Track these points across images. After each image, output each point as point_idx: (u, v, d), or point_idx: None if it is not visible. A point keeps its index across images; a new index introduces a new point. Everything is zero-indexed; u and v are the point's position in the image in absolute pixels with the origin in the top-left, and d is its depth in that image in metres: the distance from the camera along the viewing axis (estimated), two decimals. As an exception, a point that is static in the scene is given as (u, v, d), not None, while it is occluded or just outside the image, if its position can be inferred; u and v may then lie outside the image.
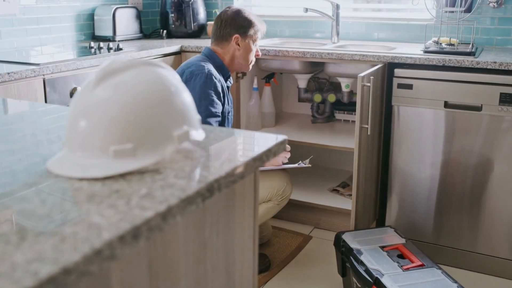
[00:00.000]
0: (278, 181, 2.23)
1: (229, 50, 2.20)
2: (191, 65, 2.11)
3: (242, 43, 2.20)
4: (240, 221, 1.02)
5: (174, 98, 0.91)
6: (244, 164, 0.91)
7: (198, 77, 2.04)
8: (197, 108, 1.96)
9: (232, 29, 2.18)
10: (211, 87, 2.04)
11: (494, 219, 2.28)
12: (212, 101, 2.04)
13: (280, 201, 2.25)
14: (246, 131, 1.08)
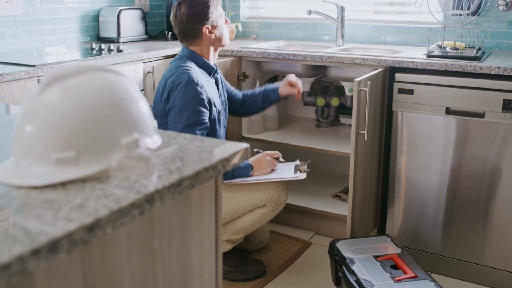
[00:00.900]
0: (273, 186, 2.20)
1: (204, 43, 2.13)
2: (173, 73, 2.06)
3: (213, 28, 2.12)
4: (198, 232, 0.99)
5: (124, 105, 0.89)
6: (194, 173, 0.88)
7: (179, 86, 2.00)
8: (178, 117, 1.98)
9: (197, 24, 2.09)
10: (192, 95, 1.99)
11: (502, 230, 2.19)
12: (193, 110, 2.00)
13: (275, 207, 2.21)
14: (210, 139, 1.05)
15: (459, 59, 2.23)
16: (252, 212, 2.20)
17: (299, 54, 2.50)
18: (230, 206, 2.15)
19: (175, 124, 2.01)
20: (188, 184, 0.87)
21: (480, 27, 2.53)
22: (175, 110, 2.01)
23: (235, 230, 2.20)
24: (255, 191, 2.17)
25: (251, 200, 2.16)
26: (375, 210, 2.49)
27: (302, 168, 2.24)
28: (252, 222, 2.21)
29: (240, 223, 2.20)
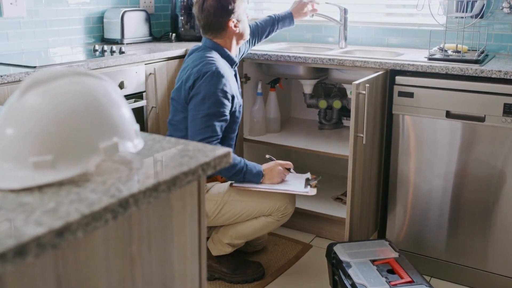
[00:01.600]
0: (281, 197, 2.15)
1: (228, 36, 2.18)
2: (198, 63, 2.08)
3: (238, 22, 2.17)
4: (180, 235, 1.00)
5: (104, 109, 0.89)
6: (172, 178, 0.88)
7: (205, 76, 2.02)
8: (200, 105, 2.00)
9: (224, 17, 2.12)
10: (218, 86, 2.02)
11: (505, 235, 2.17)
12: (216, 100, 2.02)
13: (280, 218, 2.17)
14: (194, 143, 1.06)
15: (460, 62, 2.21)
16: (257, 219, 2.16)
17: (300, 56, 2.50)
18: (236, 208, 2.13)
19: (196, 112, 2.02)
20: (165, 189, 0.87)
21: (484, 29, 2.51)
22: (197, 98, 2.02)
23: (237, 234, 2.19)
24: (263, 198, 2.14)
25: (258, 206, 2.14)
26: (375, 213, 2.48)
27: (313, 183, 2.20)
28: (255, 229, 2.19)
29: (243, 228, 2.18)
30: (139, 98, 2.56)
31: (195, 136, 2.02)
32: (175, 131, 2.16)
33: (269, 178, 2.14)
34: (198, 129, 2.02)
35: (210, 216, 2.14)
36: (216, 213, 2.13)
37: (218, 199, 2.13)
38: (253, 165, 2.13)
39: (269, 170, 2.15)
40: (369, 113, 2.15)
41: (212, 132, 2.02)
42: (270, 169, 2.15)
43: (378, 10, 2.97)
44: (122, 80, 2.43)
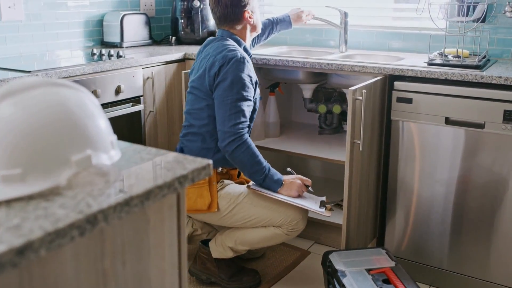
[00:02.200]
0: (295, 211, 2.10)
1: (244, 27, 2.21)
2: (221, 50, 2.09)
3: (253, 14, 2.20)
4: (157, 250, 0.97)
5: (77, 121, 0.87)
6: (145, 192, 0.86)
7: (231, 61, 2.03)
8: (229, 91, 2.01)
9: (240, 7, 2.15)
10: (244, 70, 2.04)
11: (507, 244, 2.12)
12: (244, 85, 2.04)
13: (289, 232, 2.12)
14: (174, 154, 1.03)
15: (460, 67, 2.17)
16: (266, 228, 2.11)
17: (298, 61, 2.47)
18: (248, 212, 2.09)
19: (224, 97, 2.02)
20: (138, 203, 0.85)
21: (486, 34, 2.47)
22: (225, 83, 2.01)
23: (242, 240, 2.15)
24: (278, 208, 2.09)
25: (271, 215, 2.09)
26: (374, 220, 2.44)
27: (328, 206, 2.15)
28: (262, 238, 2.13)
29: (249, 235, 2.14)
30: (136, 102, 2.54)
31: (225, 122, 2.02)
32: (196, 120, 2.14)
33: (287, 189, 2.10)
34: (228, 115, 2.02)
35: (222, 213, 2.11)
36: (228, 212, 2.10)
37: (232, 198, 2.10)
38: (275, 172, 2.10)
39: (288, 181, 2.11)
40: (366, 119, 2.12)
41: (243, 116, 2.03)
42: (290, 181, 2.11)
43: (380, 14, 2.94)
44: (118, 84, 2.41)
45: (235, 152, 2.02)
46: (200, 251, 2.27)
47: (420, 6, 2.25)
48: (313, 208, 2.09)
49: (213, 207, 2.09)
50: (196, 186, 2.08)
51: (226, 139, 2.02)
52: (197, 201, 2.08)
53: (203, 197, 2.07)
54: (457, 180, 2.17)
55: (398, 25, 2.86)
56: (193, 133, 2.14)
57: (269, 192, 2.08)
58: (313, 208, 2.09)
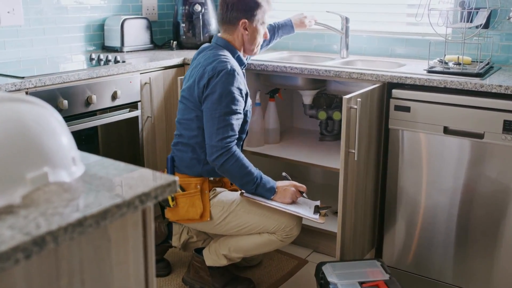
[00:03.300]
0: (289, 218, 2.07)
1: (238, 36, 2.13)
2: (212, 60, 2.04)
3: (250, 27, 2.12)
4: (121, 269, 0.95)
5: (34, 138, 0.85)
6: (101, 211, 0.83)
7: (220, 74, 1.99)
8: (217, 104, 1.97)
9: (239, 13, 2.09)
10: (233, 83, 1.99)
11: (510, 256, 2.07)
12: (233, 98, 1.99)
13: (283, 238, 2.09)
14: (142, 169, 1.01)
15: (460, 75, 2.12)
16: (260, 235, 2.09)
17: (296, 67, 2.43)
18: (241, 219, 2.07)
19: (213, 111, 1.99)
20: (93, 223, 0.82)
21: (489, 40, 2.41)
22: (213, 96, 1.98)
23: (236, 247, 2.12)
24: (272, 214, 2.06)
25: (264, 221, 2.06)
26: (372, 231, 2.39)
27: (322, 212, 2.12)
28: (256, 245, 2.10)
29: (243, 242, 2.11)
30: (134, 108, 2.53)
31: (213, 136, 1.99)
32: (186, 130, 2.11)
33: (281, 196, 2.07)
34: (216, 129, 1.99)
35: (215, 221, 2.08)
36: (221, 220, 2.08)
37: (225, 206, 2.08)
38: (268, 180, 2.07)
39: (282, 189, 2.08)
40: (362, 128, 2.08)
41: (231, 130, 2.00)
42: (284, 188, 2.08)
43: (382, 19, 2.89)
44: (115, 90, 2.40)
45: (224, 165, 1.99)
46: (193, 259, 2.24)
47: (419, 11, 2.19)
48: (306, 215, 2.06)
49: (205, 216, 2.06)
50: (188, 195, 2.05)
51: (214, 153, 1.99)
52: (189, 211, 2.06)
53: (195, 206, 2.05)
54: (458, 191, 2.11)
55: (400, 31, 2.80)
56: (183, 144, 2.12)
57: (262, 200, 2.05)
58: (306, 215, 2.06)
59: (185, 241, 2.29)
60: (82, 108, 2.28)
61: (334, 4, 2.90)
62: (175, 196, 2.06)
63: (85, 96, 2.28)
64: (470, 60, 2.30)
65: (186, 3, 3.08)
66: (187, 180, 2.08)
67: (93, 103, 2.30)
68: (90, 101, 2.29)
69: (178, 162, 2.13)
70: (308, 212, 2.09)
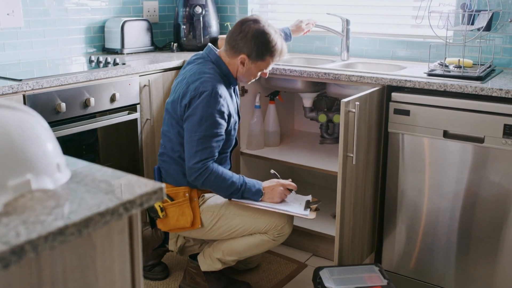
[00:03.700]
0: (280, 216, 2.07)
1: (234, 63, 2.06)
2: (196, 79, 2.00)
3: (248, 65, 2.05)
4: (106, 276, 0.93)
5: (16, 144, 0.84)
6: (84, 220, 0.82)
7: (202, 96, 1.95)
8: (197, 127, 1.95)
9: (245, 47, 2.01)
10: (215, 107, 1.95)
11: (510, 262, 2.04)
12: (213, 122, 1.96)
13: (276, 237, 2.08)
14: (129, 176, 0.99)
15: (461, 78, 2.09)
16: (252, 236, 2.08)
17: (295, 70, 2.42)
18: (232, 222, 2.06)
19: (193, 133, 1.97)
20: (74, 232, 0.81)
21: (491, 43, 2.38)
22: (194, 119, 1.96)
23: (229, 250, 2.12)
24: (261, 215, 2.06)
25: (255, 222, 2.06)
26: (371, 235, 2.37)
27: (313, 206, 2.11)
28: (249, 247, 2.10)
29: (236, 244, 2.10)
30: (133, 110, 2.52)
31: (191, 158, 1.98)
32: (170, 143, 2.10)
33: (269, 197, 2.06)
34: (194, 151, 1.97)
35: (206, 227, 2.08)
36: (212, 225, 2.07)
37: (215, 211, 2.07)
38: (253, 184, 2.05)
39: (269, 189, 2.07)
40: (361, 131, 2.06)
41: (209, 153, 1.98)
42: (271, 188, 2.07)
43: (384, 21, 2.86)
44: (113, 92, 2.39)
45: (205, 183, 1.99)
46: (189, 265, 2.23)
47: (420, 13, 2.17)
48: (296, 213, 2.05)
49: (196, 223, 2.06)
50: (177, 204, 2.05)
51: (192, 175, 1.99)
52: (179, 220, 2.05)
53: (185, 214, 2.05)
54: (459, 195, 2.08)
55: (402, 33, 2.77)
56: (168, 156, 2.12)
57: (251, 202, 2.05)
58: (296, 212, 2.05)
59: (181, 245, 2.28)
60: (80, 111, 2.27)
61: (335, 6, 2.88)
62: (164, 206, 2.05)
63: (83, 98, 2.27)
64: (471, 63, 2.28)
65: (186, 5, 3.08)
66: (175, 189, 2.08)
67: (91, 106, 2.30)
68: (88, 104, 2.29)
69: (165, 173, 2.13)
70: (298, 209, 2.08)
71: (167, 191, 2.07)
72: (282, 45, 2.07)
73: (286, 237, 2.12)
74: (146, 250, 2.33)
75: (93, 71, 2.33)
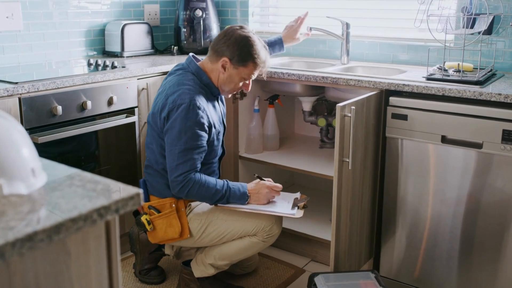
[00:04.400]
0: (267, 217, 2.06)
1: (216, 68, 2.05)
2: (174, 91, 1.99)
3: (229, 70, 2.04)
4: (82, 282, 0.92)
5: (-12, 148, 0.83)
6: (55, 226, 0.80)
7: (180, 108, 1.94)
8: (177, 140, 1.93)
9: (227, 51, 2.01)
10: (193, 119, 1.94)
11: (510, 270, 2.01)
12: (193, 134, 1.95)
13: (265, 239, 2.07)
14: (107, 181, 0.98)
15: (460, 83, 2.06)
16: (242, 239, 2.08)
17: (293, 73, 2.40)
18: (220, 228, 2.06)
19: (173, 146, 1.96)
20: (44, 238, 0.79)
21: (492, 47, 2.35)
22: (173, 132, 1.96)
23: (221, 254, 2.11)
24: (249, 218, 2.06)
25: (243, 226, 2.05)
26: (369, 241, 2.34)
27: (300, 204, 2.10)
28: (240, 250, 2.09)
29: (226, 248, 2.10)
30: (130, 113, 2.51)
31: (173, 172, 1.97)
32: (153, 156, 2.11)
33: (255, 199, 2.06)
34: (176, 164, 1.97)
35: (195, 236, 2.07)
36: (201, 233, 2.06)
37: (202, 219, 2.07)
38: (237, 188, 2.04)
39: (255, 192, 2.06)
40: (358, 136, 2.03)
41: (191, 166, 1.97)
42: (256, 191, 2.06)
43: (385, 24, 2.83)
44: (111, 96, 2.39)
45: (189, 194, 1.99)
46: (182, 272, 2.22)
47: (419, 16, 2.14)
48: (283, 213, 2.05)
49: (185, 233, 2.05)
50: (163, 216, 2.05)
51: (175, 187, 1.98)
52: (167, 231, 2.05)
53: (172, 225, 2.04)
54: (460, 201, 2.05)
55: (403, 37, 2.74)
56: (152, 168, 2.12)
57: (237, 206, 2.04)
58: (283, 212, 2.05)
59: (178, 249, 2.26)
60: (77, 114, 2.27)
61: (336, 10, 2.86)
62: (151, 219, 2.05)
63: (80, 101, 2.27)
64: (471, 67, 2.24)
65: (187, 8, 3.07)
66: (161, 201, 2.07)
67: (88, 109, 2.29)
68: (85, 107, 2.28)
69: (150, 186, 2.12)
70: (285, 208, 2.08)
71: (153, 203, 2.07)
72: (266, 55, 2.07)
73: (275, 237, 2.11)
74: (143, 254, 2.31)
75: (90, 74, 2.33)
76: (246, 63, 2.02)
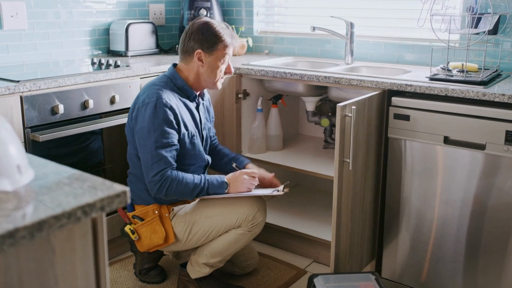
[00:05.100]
0: (248, 206, 2.06)
1: (193, 67, 2.06)
2: (144, 91, 2.03)
3: (206, 60, 2.04)
4: (67, 281, 0.91)
5: (-28, 144, 0.83)
6: (36, 223, 0.80)
7: (147, 107, 1.95)
8: (147, 139, 1.92)
9: (196, 43, 2.03)
10: (160, 116, 1.94)
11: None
12: (162, 131, 1.95)
13: (251, 228, 2.06)
14: (95, 179, 0.97)
15: (463, 83, 2.04)
16: (228, 233, 2.07)
17: (296, 73, 2.38)
18: (205, 226, 2.05)
19: (144, 147, 1.97)
20: (26, 235, 0.79)
21: (498, 47, 2.32)
22: (143, 131, 1.96)
23: (211, 252, 2.10)
24: (229, 210, 2.05)
25: (226, 219, 2.04)
26: (371, 243, 2.32)
27: (280, 189, 2.11)
28: (228, 244, 2.08)
29: (215, 245, 2.09)
30: (133, 112, 2.51)
31: (148, 172, 1.97)
32: (131, 162, 2.11)
33: (234, 187, 2.05)
34: (150, 164, 1.96)
35: (182, 239, 2.07)
36: (187, 235, 2.07)
37: (186, 220, 2.07)
38: (215, 178, 2.04)
39: (233, 179, 2.06)
40: (359, 136, 2.01)
41: (165, 163, 1.96)
42: (235, 178, 2.06)
43: (389, 24, 2.81)
44: (113, 95, 2.39)
45: (168, 193, 1.97)
46: (180, 274, 2.22)
47: (422, 16, 2.12)
48: (263, 193, 2.06)
49: (170, 239, 2.06)
50: (146, 223, 2.06)
51: (153, 188, 1.97)
52: (152, 238, 2.05)
53: (156, 232, 2.05)
54: (464, 203, 2.02)
55: (408, 36, 2.72)
56: (132, 175, 2.12)
57: (219, 195, 2.04)
58: (263, 192, 2.06)
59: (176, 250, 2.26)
60: (79, 112, 2.27)
61: (340, 9, 2.84)
62: (135, 228, 2.06)
63: (82, 100, 2.27)
64: (476, 67, 2.21)
65: (192, 8, 3.07)
66: (144, 209, 2.07)
67: (90, 108, 2.30)
68: (87, 106, 2.28)
69: (133, 195, 2.12)
70: (265, 191, 2.09)
71: (136, 212, 2.08)
72: (229, 31, 2.09)
73: (261, 226, 2.10)
74: (142, 254, 2.31)
75: (92, 73, 2.33)
76: (216, 46, 2.04)
